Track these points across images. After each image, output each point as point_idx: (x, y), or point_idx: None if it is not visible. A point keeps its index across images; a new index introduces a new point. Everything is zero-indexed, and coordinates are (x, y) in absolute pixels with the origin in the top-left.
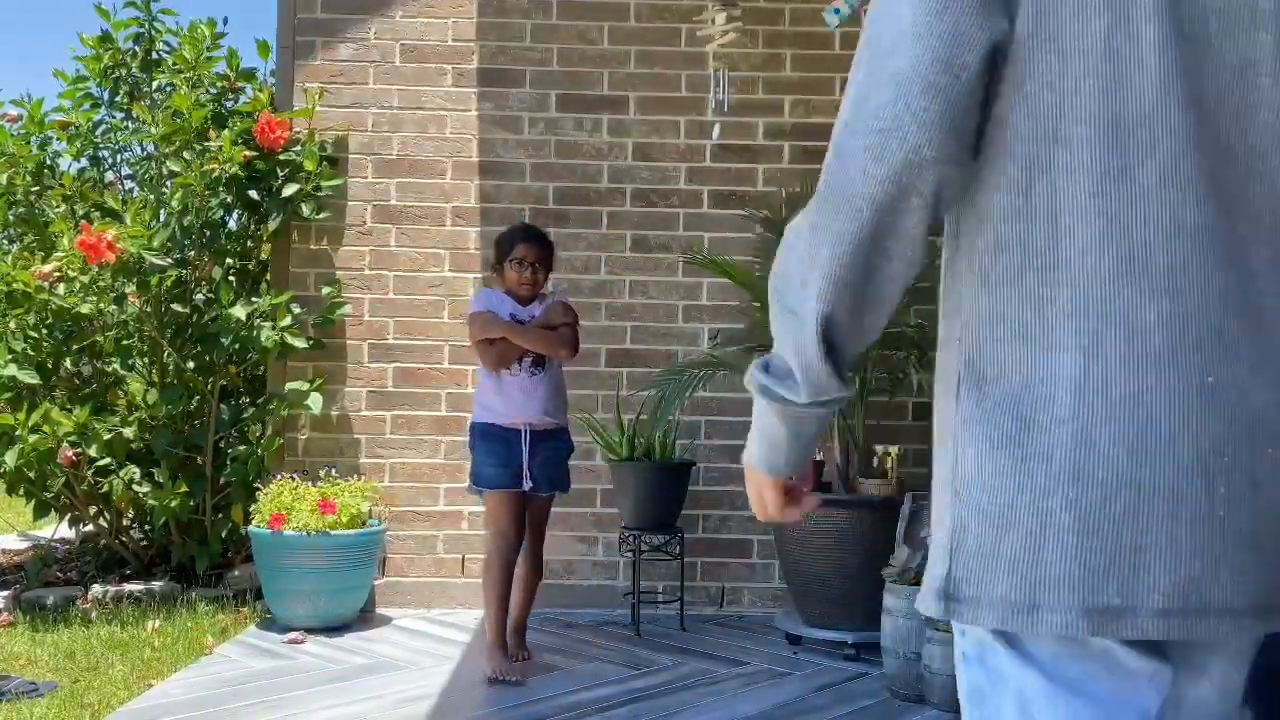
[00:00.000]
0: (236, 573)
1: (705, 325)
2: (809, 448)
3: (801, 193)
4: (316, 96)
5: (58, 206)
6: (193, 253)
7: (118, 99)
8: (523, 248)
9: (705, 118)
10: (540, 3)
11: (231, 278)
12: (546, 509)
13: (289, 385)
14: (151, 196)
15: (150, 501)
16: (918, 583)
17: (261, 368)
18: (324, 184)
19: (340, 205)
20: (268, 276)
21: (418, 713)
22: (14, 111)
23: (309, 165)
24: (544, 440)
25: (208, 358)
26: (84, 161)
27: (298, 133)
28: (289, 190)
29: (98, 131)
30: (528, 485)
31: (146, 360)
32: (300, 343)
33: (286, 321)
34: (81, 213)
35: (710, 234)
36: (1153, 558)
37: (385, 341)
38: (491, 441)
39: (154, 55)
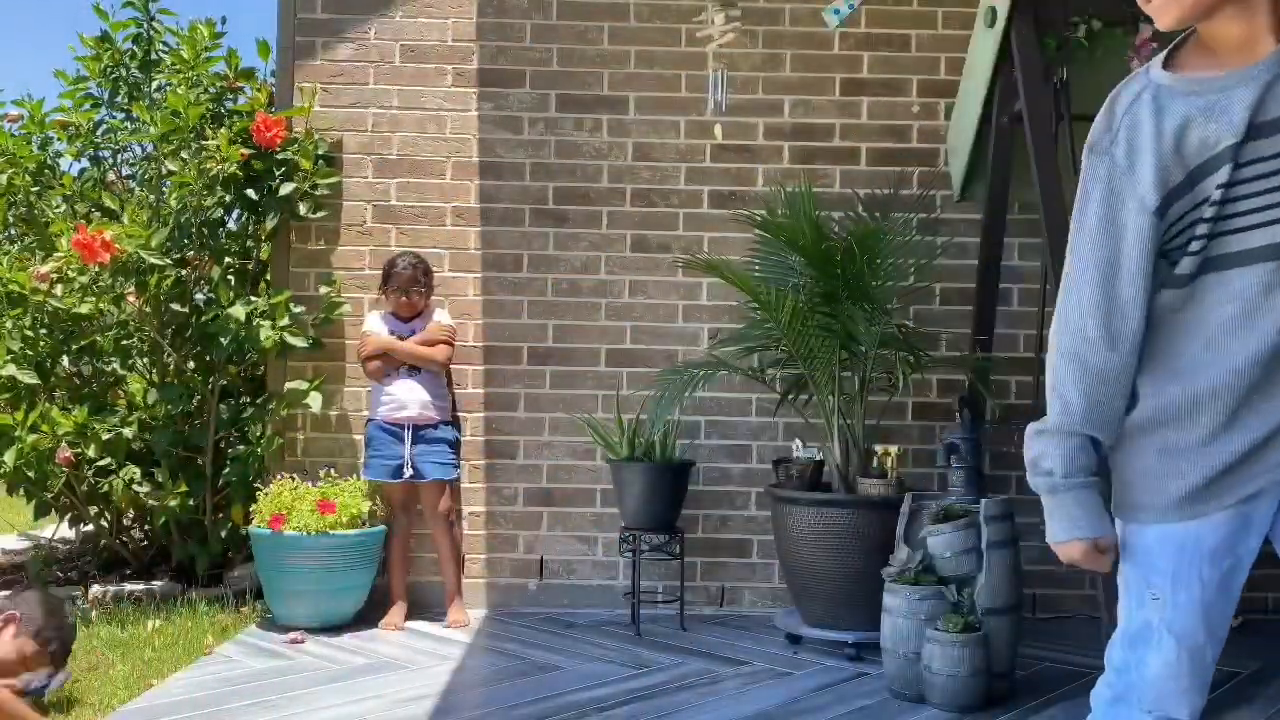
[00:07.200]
0: (236, 573)
1: (705, 325)
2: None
3: (800, 192)
4: (312, 95)
5: (58, 207)
6: (191, 252)
7: (118, 99)
8: (398, 278)
9: (705, 118)
10: (540, 3)
11: (230, 277)
12: (437, 495)
13: (289, 385)
14: (151, 196)
15: (150, 501)
16: (918, 582)
17: (261, 367)
18: (320, 182)
19: (339, 205)
20: (267, 276)
21: (418, 713)
22: (15, 111)
23: (305, 164)
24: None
25: (207, 357)
26: (84, 161)
27: (295, 132)
28: (286, 189)
29: (98, 131)
30: (407, 474)
31: (146, 360)
32: (300, 342)
33: (285, 321)
34: (82, 213)
35: (710, 234)
36: None
37: None
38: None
39: (153, 56)
